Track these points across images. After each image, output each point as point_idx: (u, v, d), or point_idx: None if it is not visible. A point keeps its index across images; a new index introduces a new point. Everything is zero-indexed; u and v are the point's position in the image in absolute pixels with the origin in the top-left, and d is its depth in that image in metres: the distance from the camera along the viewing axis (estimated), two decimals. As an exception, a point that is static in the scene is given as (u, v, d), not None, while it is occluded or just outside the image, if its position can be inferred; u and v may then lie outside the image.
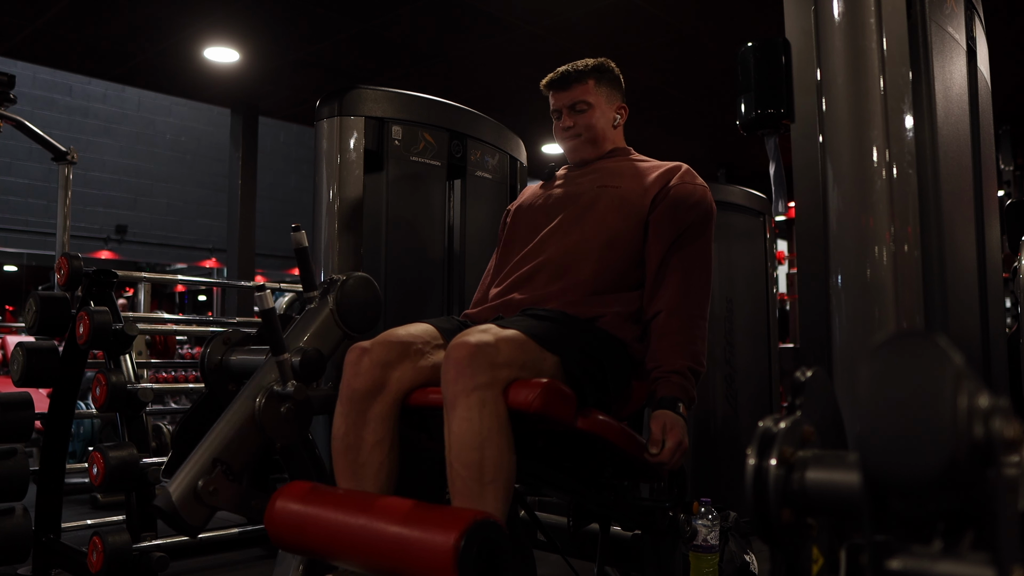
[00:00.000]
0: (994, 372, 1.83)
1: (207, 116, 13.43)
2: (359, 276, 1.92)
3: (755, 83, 1.53)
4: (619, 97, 1.88)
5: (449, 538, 1.13)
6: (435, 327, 1.63)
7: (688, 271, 1.69)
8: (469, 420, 1.32)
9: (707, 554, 1.97)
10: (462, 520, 1.16)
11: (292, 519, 1.37)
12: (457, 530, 1.14)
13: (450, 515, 1.20)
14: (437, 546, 1.14)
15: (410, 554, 1.18)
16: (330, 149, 2.28)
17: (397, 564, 1.20)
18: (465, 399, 1.33)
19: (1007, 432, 0.53)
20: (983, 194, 1.84)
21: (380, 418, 1.49)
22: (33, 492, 2.32)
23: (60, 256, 2.44)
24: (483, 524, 1.16)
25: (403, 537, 1.19)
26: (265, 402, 1.64)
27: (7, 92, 3.47)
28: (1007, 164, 6.54)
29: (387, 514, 1.25)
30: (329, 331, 1.86)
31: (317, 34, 5.46)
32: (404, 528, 1.20)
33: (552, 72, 1.86)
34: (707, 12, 4.98)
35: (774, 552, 0.67)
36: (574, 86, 1.83)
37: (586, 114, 1.83)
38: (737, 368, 3.18)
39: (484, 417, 1.32)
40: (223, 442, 1.63)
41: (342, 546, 1.29)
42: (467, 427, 1.32)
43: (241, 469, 1.64)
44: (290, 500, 1.39)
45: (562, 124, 1.86)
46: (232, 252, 7.24)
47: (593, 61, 1.85)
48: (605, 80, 1.85)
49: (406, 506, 1.26)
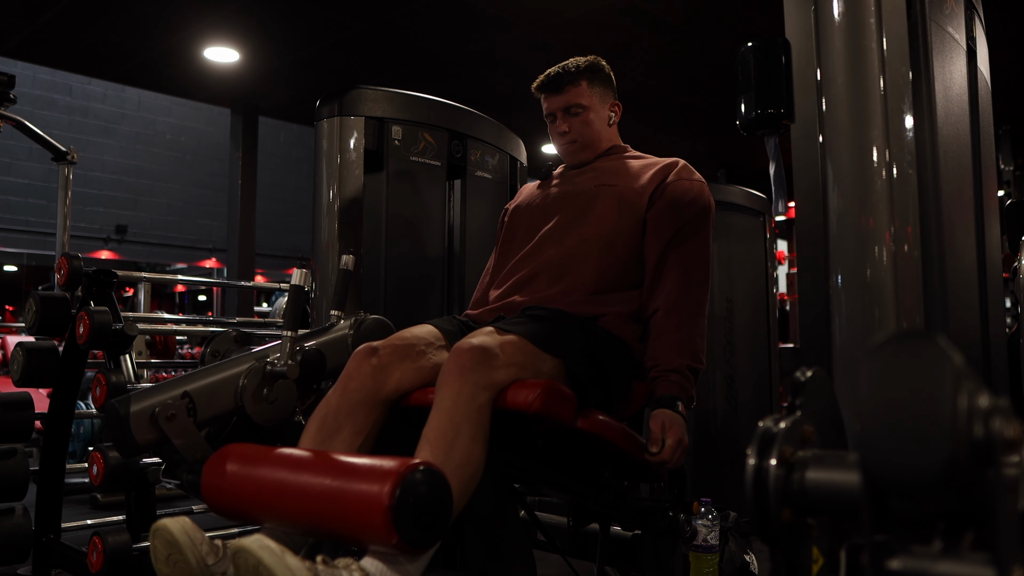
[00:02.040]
0: (994, 372, 1.83)
1: (207, 116, 13.43)
2: (379, 318, 1.94)
3: (755, 83, 1.53)
4: (612, 95, 1.87)
5: (383, 487, 1.02)
6: (438, 328, 1.63)
7: (686, 268, 1.69)
8: (453, 404, 1.31)
9: (707, 554, 1.97)
10: (399, 468, 1.05)
11: (224, 479, 1.25)
12: (392, 479, 1.03)
13: (386, 464, 1.08)
14: (370, 497, 1.03)
15: (341, 508, 1.07)
16: (330, 149, 2.28)
17: (327, 520, 1.09)
18: (457, 386, 1.33)
19: (1007, 432, 0.53)
20: (983, 194, 1.84)
21: (368, 415, 1.48)
22: (33, 492, 2.32)
23: (60, 256, 2.44)
24: (421, 472, 1.05)
25: (334, 490, 1.08)
26: (248, 378, 1.61)
27: (7, 92, 3.47)
28: (1007, 164, 6.54)
29: (320, 467, 1.14)
30: (340, 348, 1.85)
31: (317, 34, 5.46)
32: (336, 480, 1.09)
33: (542, 75, 1.83)
34: (706, 12, 4.97)
35: (774, 552, 0.67)
36: (567, 88, 1.80)
37: (581, 116, 1.81)
38: (737, 368, 3.18)
39: (469, 408, 1.31)
40: (200, 382, 1.59)
41: (273, 505, 1.19)
42: (448, 408, 1.31)
43: (207, 420, 1.59)
44: (224, 459, 1.29)
45: (558, 128, 1.83)
46: (232, 252, 7.24)
47: (584, 61, 1.81)
48: (598, 80, 1.83)
49: (343, 458, 1.16)
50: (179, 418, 1.54)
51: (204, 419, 1.59)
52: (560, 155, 1.90)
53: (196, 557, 1.13)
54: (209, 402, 1.59)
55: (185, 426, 1.54)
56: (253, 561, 1.02)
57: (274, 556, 1.02)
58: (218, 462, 1.29)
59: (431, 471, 1.08)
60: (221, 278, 11.19)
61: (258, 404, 1.61)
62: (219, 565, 1.14)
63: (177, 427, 1.53)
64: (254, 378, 1.61)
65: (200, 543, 1.14)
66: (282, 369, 1.62)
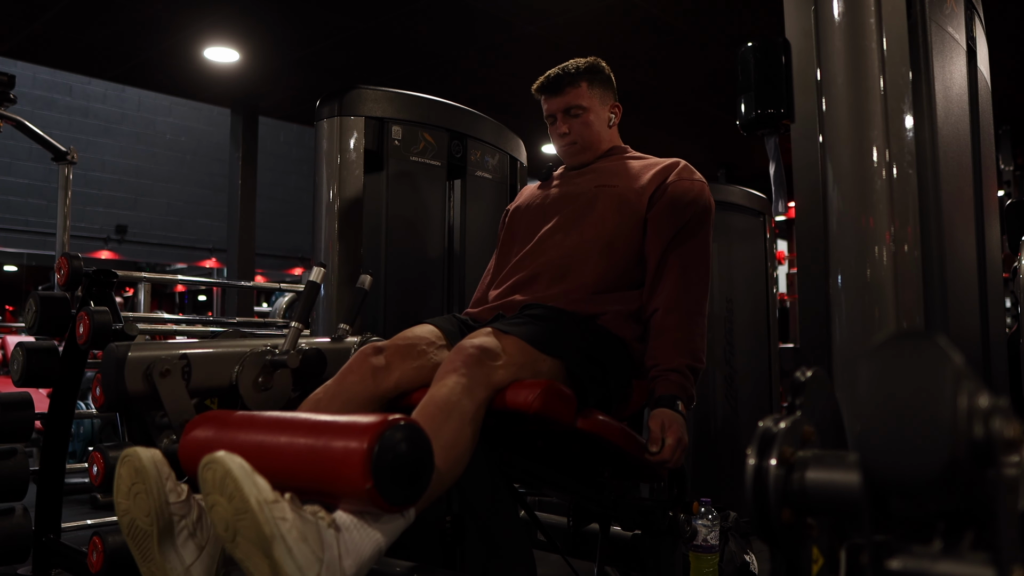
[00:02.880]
0: (994, 372, 1.83)
1: (207, 116, 13.43)
2: None
3: (755, 83, 1.53)
4: (612, 96, 1.87)
5: (362, 443, 1.01)
6: (438, 328, 1.63)
7: (686, 267, 1.69)
8: (448, 392, 1.30)
9: (707, 554, 1.97)
10: (377, 424, 1.03)
11: (201, 443, 1.22)
12: (371, 434, 1.01)
13: (366, 419, 1.06)
14: (349, 453, 1.01)
15: (321, 467, 1.05)
16: (330, 149, 2.28)
17: (308, 479, 1.07)
18: (455, 378, 1.32)
19: (1007, 432, 0.53)
20: (983, 194, 1.84)
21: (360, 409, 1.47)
22: (33, 492, 2.32)
23: (60, 256, 2.44)
24: (400, 427, 1.03)
25: (312, 448, 1.06)
26: (248, 360, 1.60)
27: (7, 92, 3.47)
28: (1007, 164, 6.54)
29: (298, 428, 1.12)
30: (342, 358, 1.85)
31: (317, 34, 5.46)
32: (314, 439, 1.07)
33: (542, 76, 1.83)
34: (706, 12, 4.97)
35: (774, 552, 0.67)
36: (567, 90, 1.80)
37: (581, 118, 1.81)
38: (737, 368, 3.18)
39: (462, 399, 1.30)
40: (201, 351, 1.58)
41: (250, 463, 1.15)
42: (443, 396, 1.29)
43: (199, 388, 1.57)
44: (203, 424, 1.27)
45: (558, 130, 1.83)
46: (232, 252, 7.24)
47: (584, 62, 1.81)
48: (598, 81, 1.83)
49: (323, 418, 1.14)
50: (173, 377, 1.51)
51: (196, 387, 1.57)
52: (560, 156, 1.90)
53: (159, 490, 1.09)
54: (205, 372, 1.57)
55: (177, 387, 1.52)
56: (221, 471, 1.00)
57: (243, 471, 0.99)
58: (198, 425, 1.27)
59: (413, 427, 1.06)
60: (221, 278, 11.19)
61: (253, 388, 1.61)
62: (180, 507, 1.11)
63: (169, 385, 1.51)
64: (254, 362, 1.61)
65: (166, 478, 1.11)
66: (283, 357, 1.61)
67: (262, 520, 0.97)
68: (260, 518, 0.97)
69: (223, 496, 1.00)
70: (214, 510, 1.01)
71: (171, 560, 1.10)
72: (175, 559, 1.10)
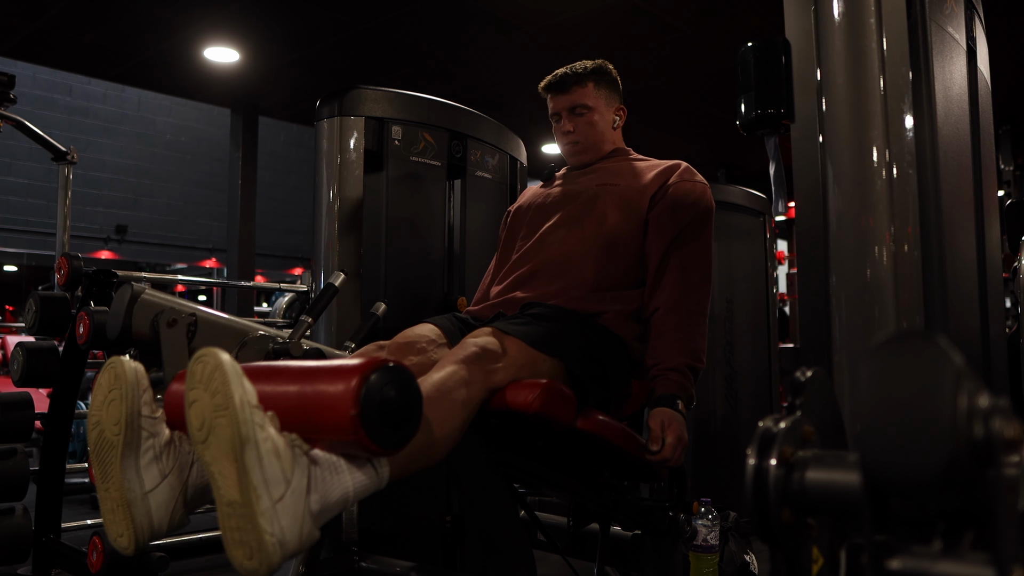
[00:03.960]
0: (994, 372, 1.83)
1: (207, 116, 13.43)
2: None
3: (755, 83, 1.53)
4: (617, 99, 1.89)
5: (351, 378, 0.99)
6: (439, 327, 1.64)
7: (687, 269, 1.69)
8: (443, 378, 1.28)
9: (707, 554, 1.97)
10: (368, 362, 1.02)
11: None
12: (361, 370, 1.00)
13: (349, 363, 1.04)
14: (339, 387, 1.00)
15: (310, 398, 1.03)
16: (330, 149, 2.28)
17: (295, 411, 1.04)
18: (453, 368, 1.31)
19: (1007, 432, 0.53)
20: (983, 194, 1.84)
21: None
22: (33, 492, 2.32)
23: (60, 256, 2.44)
24: (391, 368, 1.02)
25: (300, 394, 1.04)
26: (250, 343, 1.59)
27: (7, 92, 3.47)
28: (1007, 164, 6.54)
29: (290, 372, 1.10)
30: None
31: (317, 34, 5.46)
32: (306, 379, 1.05)
33: (550, 75, 1.85)
34: (707, 12, 4.97)
35: (774, 552, 0.67)
36: (573, 89, 1.82)
37: (586, 117, 1.82)
38: (737, 368, 3.18)
39: (456, 388, 1.29)
40: (211, 318, 1.57)
41: None
42: (436, 380, 1.28)
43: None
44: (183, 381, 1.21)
45: (562, 128, 1.85)
46: (232, 252, 7.24)
47: (591, 63, 1.83)
48: (604, 82, 1.85)
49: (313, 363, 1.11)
50: (178, 330, 1.50)
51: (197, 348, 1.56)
52: (563, 155, 1.91)
53: (133, 396, 1.07)
54: (209, 336, 1.55)
55: (179, 340, 1.51)
56: (212, 364, 0.97)
57: (234, 369, 0.97)
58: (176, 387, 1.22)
59: (403, 370, 1.04)
60: (221, 278, 11.18)
61: None
62: (151, 424, 1.09)
63: (172, 337, 1.49)
64: (256, 344, 1.61)
65: (144, 390, 1.09)
66: (286, 345, 1.61)
67: (241, 419, 0.94)
68: (239, 417, 0.94)
69: (207, 391, 0.97)
70: (193, 407, 0.98)
71: (131, 479, 1.07)
72: (135, 479, 1.07)
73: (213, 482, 0.96)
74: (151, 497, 1.07)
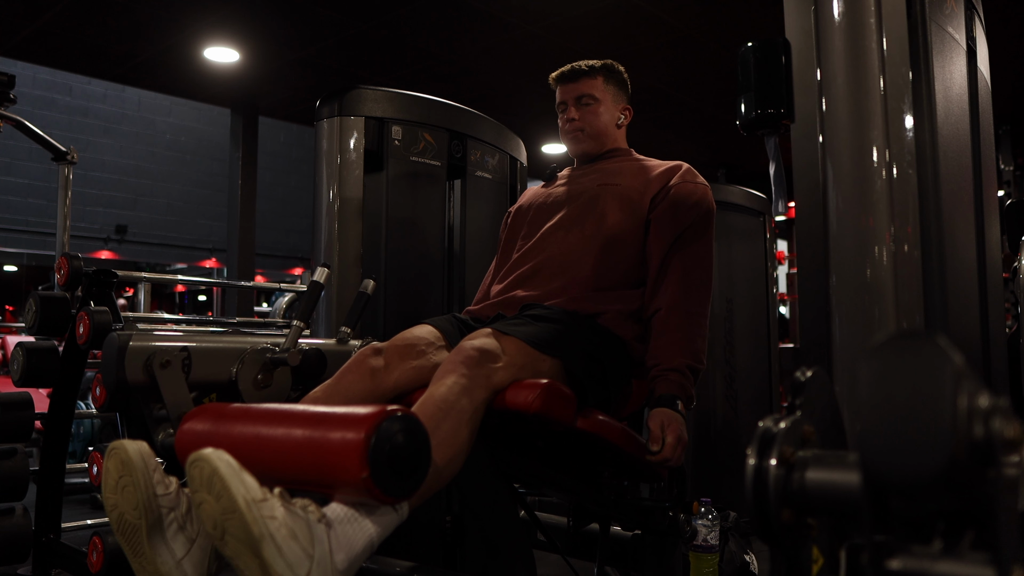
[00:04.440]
0: (994, 372, 1.83)
1: (207, 116, 13.42)
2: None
3: (755, 83, 1.53)
4: (625, 99, 1.91)
5: (359, 431, 1.00)
6: (437, 328, 1.63)
7: (688, 270, 1.69)
8: (447, 391, 1.29)
9: (707, 554, 1.97)
10: (374, 414, 1.02)
11: (198, 436, 1.22)
12: (368, 423, 1.01)
13: (363, 410, 1.05)
14: (346, 442, 1.01)
15: (317, 456, 1.04)
16: (330, 149, 2.28)
17: (303, 469, 1.06)
18: (454, 377, 1.32)
19: (1007, 432, 0.53)
20: (983, 194, 1.84)
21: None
22: (33, 492, 2.32)
23: (60, 256, 2.44)
24: (398, 417, 1.03)
25: (309, 438, 1.06)
26: (247, 359, 1.60)
27: (7, 92, 3.47)
28: (1007, 164, 6.54)
29: (293, 420, 1.12)
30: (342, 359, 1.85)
31: (317, 34, 5.46)
32: (311, 429, 1.07)
33: (562, 68, 1.89)
34: (707, 12, 4.97)
35: (774, 552, 0.67)
36: (583, 79, 1.85)
37: (591, 108, 1.85)
38: (737, 368, 3.18)
39: (460, 398, 1.30)
40: (203, 344, 1.57)
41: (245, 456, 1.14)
42: (441, 395, 1.29)
43: (198, 382, 1.56)
44: (200, 416, 1.26)
45: (567, 116, 1.87)
46: (232, 252, 7.24)
47: (602, 61, 1.88)
48: (613, 79, 1.88)
49: (315, 410, 1.14)
50: (173, 369, 1.50)
51: (196, 380, 1.56)
52: (565, 143, 1.92)
53: (146, 482, 1.08)
54: (205, 366, 1.56)
55: (176, 379, 1.51)
56: (208, 470, 0.99)
57: (230, 469, 0.98)
58: (194, 417, 1.26)
59: (410, 418, 1.05)
60: (221, 278, 11.18)
61: (252, 385, 1.60)
62: (168, 499, 1.10)
63: (169, 377, 1.50)
64: (254, 359, 1.60)
65: (153, 470, 1.09)
66: (283, 355, 1.61)
67: (250, 520, 0.96)
68: (248, 518, 0.96)
69: (211, 495, 0.99)
70: (202, 507, 1.00)
71: (161, 554, 1.09)
72: (166, 553, 1.09)
73: (239, 571, 0.99)
74: (185, 563, 1.10)
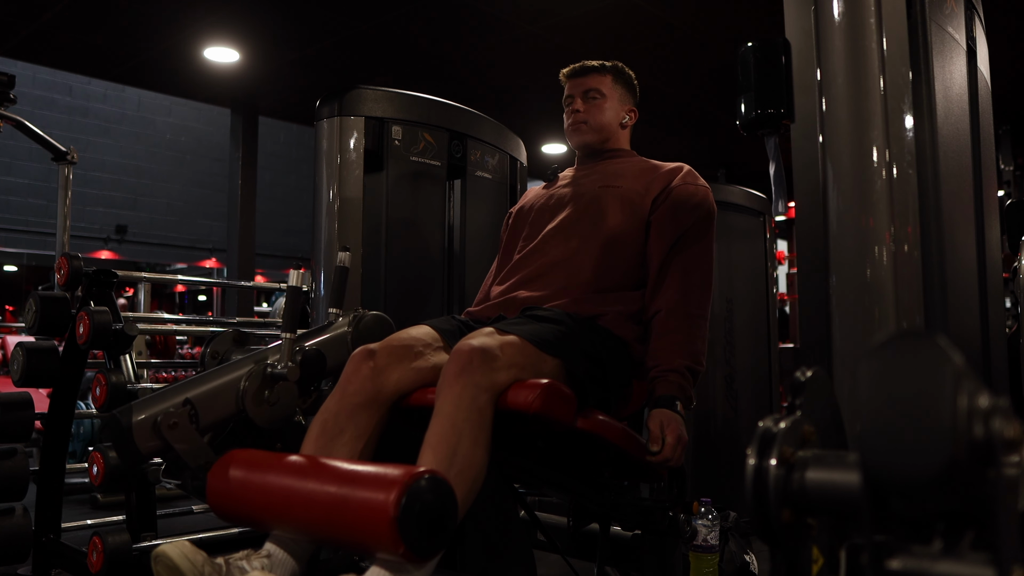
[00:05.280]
0: (994, 372, 1.83)
1: (207, 116, 13.42)
2: (378, 315, 1.93)
3: (755, 83, 1.53)
4: (631, 101, 1.94)
5: (389, 496, 1.04)
6: (436, 329, 1.63)
7: (688, 271, 1.70)
8: (456, 405, 1.31)
9: (707, 554, 1.97)
10: (404, 476, 1.06)
11: (230, 485, 1.26)
12: (398, 487, 1.04)
13: (392, 472, 1.09)
14: (376, 506, 1.04)
15: (348, 514, 1.08)
16: (330, 149, 2.28)
17: (334, 526, 1.10)
18: (458, 389, 1.32)
19: (1007, 432, 0.53)
20: (983, 194, 1.84)
21: (369, 417, 1.48)
22: (33, 492, 2.32)
23: (60, 256, 2.44)
24: (426, 480, 1.07)
25: (340, 497, 1.10)
26: (249, 381, 1.61)
27: (7, 92, 3.47)
28: (1007, 164, 6.54)
29: (325, 475, 1.15)
30: (340, 346, 1.85)
31: (317, 34, 5.46)
32: (343, 488, 1.11)
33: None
34: (707, 12, 4.97)
35: (774, 552, 0.67)
36: (592, 75, 1.88)
37: (597, 103, 1.87)
38: (737, 368, 3.18)
39: (470, 412, 1.31)
40: (201, 388, 1.59)
41: (280, 511, 1.20)
42: (450, 412, 1.30)
43: (209, 425, 1.59)
44: (229, 465, 1.30)
45: (572, 107, 1.89)
46: (232, 252, 7.24)
47: (612, 62, 1.91)
48: (622, 80, 1.91)
49: (348, 466, 1.17)
50: (181, 426, 1.53)
51: (207, 424, 1.59)
52: (568, 136, 1.93)
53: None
54: (211, 408, 1.59)
55: (188, 433, 1.54)
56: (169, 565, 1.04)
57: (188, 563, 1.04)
58: (223, 468, 1.30)
59: (436, 479, 1.09)
60: (221, 278, 11.18)
61: (259, 407, 1.61)
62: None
63: (180, 435, 1.53)
64: (255, 381, 1.61)
65: (201, 565, 1.15)
66: (282, 372, 1.62)
67: None
68: None
69: None
70: None
71: None
72: None
73: None
74: None
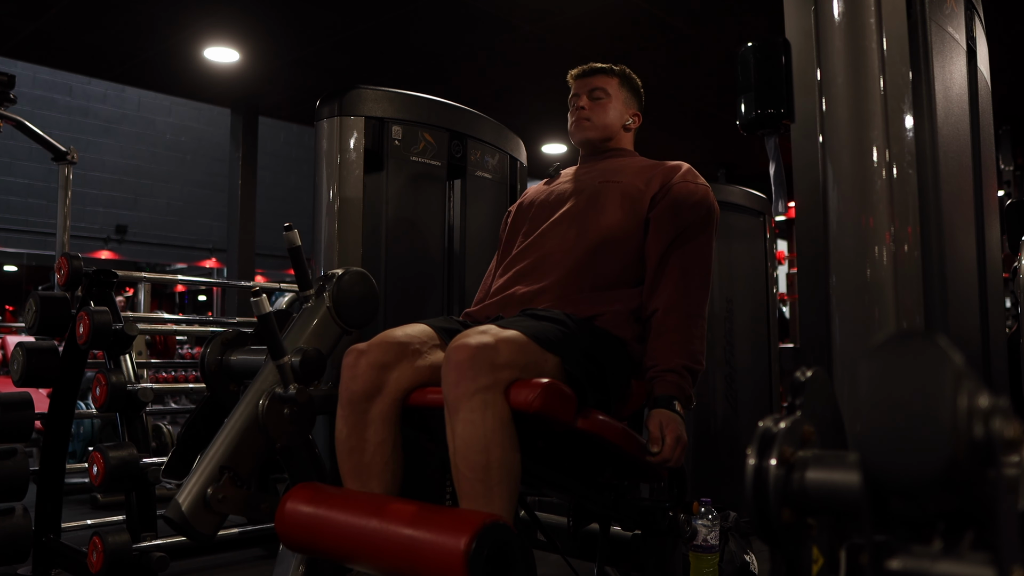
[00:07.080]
0: (994, 372, 1.83)
1: (207, 116, 13.42)
2: (354, 271, 1.92)
3: (755, 83, 1.53)
4: (636, 105, 1.95)
5: (460, 541, 1.16)
6: (432, 327, 1.63)
7: (687, 270, 1.69)
8: (473, 423, 1.32)
9: (707, 554, 1.97)
10: (472, 523, 1.19)
11: (303, 521, 1.41)
12: (468, 533, 1.17)
13: (461, 518, 1.23)
14: (448, 548, 1.17)
15: (422, 556, 1.21)
16: (330, 149, 2.28)
17: (409, 566, 1.24)
18: (468, 402, 1.32)
19: (1007, 432, 0.53)
20: (983, 194, 1.84)
21: (381, 419, 1.50)
22: (33, 492, 2.32)
23: (60, 256, 2.44)
24: (493, 527, 1.19)
25: (414, 540, 1.23)
26: (268, 404, 1.64)
27: (7, 92, 3.47)
28: (1007, 164, 6.53)
29: (397, 517, 1.28)
30: (327, 329, 1.86)
31: (317, 34, 5.46)
32: (415, 531, 1.24)
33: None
34: (706, 12, 4.97)
35: (774, 552, 0.67)
36: (599, 75, 1.91)
37: (602, 102, 1.89)
38: (737, 368, 3.18)
39: (488, 419, 1.31)
40: (229, 448, 1.64)
41: (354, 549, 1.33)
42: (471, 430, 1.32)
43: (248, 474, 1.65)
44: (300, 502, 1.43)
45: (577, 104, 1.91)
46: (232, 252, 7.24)
47: (621, 66, 1.93)
48: (628, 84, 1.93)
49: (416, 508, 1.29)
50: (229, 496, 1.60)
51: (248, 473, 1.66)
52: (571, 134, 1.94)
53: None
54: (245, 459, 1.65)
55: (238, 498, 1.62)
56: None
57: None
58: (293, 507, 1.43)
59: (500, 525, 1.20)
60: (221, 278, 11.18)
61: (284, 432, 1.67)
62: None
63: (232, 504, 1.61)
64: (271, 409, 1.66)
65: None
66: (291, 395, 1.64)
67: None
68: None
69: None
70: None
71: None
72: None
73: None
74: None
